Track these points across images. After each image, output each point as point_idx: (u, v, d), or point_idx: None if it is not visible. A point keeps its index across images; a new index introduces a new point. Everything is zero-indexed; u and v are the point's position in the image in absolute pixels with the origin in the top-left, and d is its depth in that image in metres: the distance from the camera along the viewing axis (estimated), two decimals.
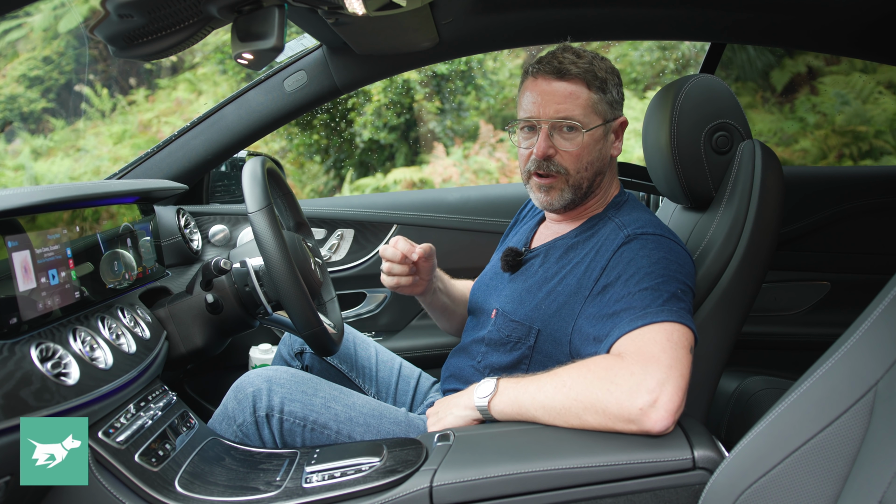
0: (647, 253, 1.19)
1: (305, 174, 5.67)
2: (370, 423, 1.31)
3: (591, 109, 1.28)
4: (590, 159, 1.30)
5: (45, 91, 5.68)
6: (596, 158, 1.31)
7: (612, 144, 1.35)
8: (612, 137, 1.35)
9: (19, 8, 0.88)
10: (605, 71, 1.30)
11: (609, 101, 1.31)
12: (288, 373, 1.32)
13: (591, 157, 1.30)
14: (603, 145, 1.32)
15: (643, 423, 1.00)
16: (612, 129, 1.34)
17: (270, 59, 1.09)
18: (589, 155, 1.30)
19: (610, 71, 1.31)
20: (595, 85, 1.28)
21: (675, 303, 1.12)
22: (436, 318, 1.66)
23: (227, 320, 1.41)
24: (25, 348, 0.98)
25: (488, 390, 1.15)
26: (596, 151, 1.31)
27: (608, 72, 1.31)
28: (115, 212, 1.40)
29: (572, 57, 1.28)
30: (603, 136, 1.32)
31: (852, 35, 1.83)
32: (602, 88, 1.29)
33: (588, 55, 1.30)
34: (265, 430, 1.27)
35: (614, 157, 1.37)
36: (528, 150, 1.32)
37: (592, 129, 1.29)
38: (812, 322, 2.18)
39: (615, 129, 1.34)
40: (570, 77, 1.27)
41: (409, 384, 1.62)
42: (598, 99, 1.29)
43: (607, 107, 1.31)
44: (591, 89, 1.28)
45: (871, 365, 0.82)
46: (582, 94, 1.28)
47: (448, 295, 1.61)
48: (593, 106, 1.28)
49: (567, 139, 1.29)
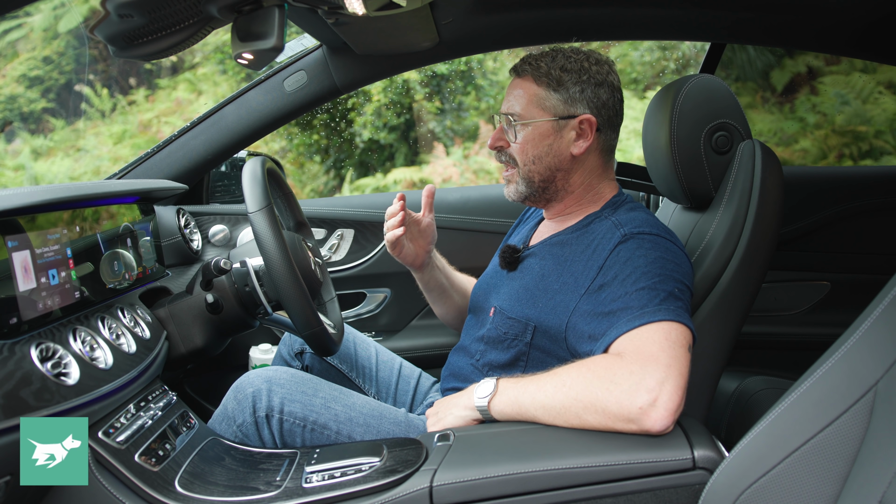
0: (643, 252, 1.19)
1: (305, 174, 5.67)
2: (370, 423, 1.31)
3: (535, 104, 1.33)
4: (536, 153, 1.34)
5: (45, 91, 5.68)
6: (545, 153, 1.34)
7: (570, 142, 1.33)
8: (572, 135, 1.33)
9: (19, 8, 0.88)
10: (560, 69, 1.32)
11: (564, 98, 1.32)
12: (288, 373, 1.32)
13: (537, 151, 1.34)
14: (554, 141, 1.33)
15: (643, 422, 1.01)
16: (569, 126, 1.33)
17: (270, 59, 1.09)
18: (534, 149, 1.34)
19: (579, 70, 1.32)
20: (545, 82, 1.32)
21: (673, 302, 1.12)
22: (432, 301, 1.68)
23: (227, 320, 1.41)
24: (25, 348, 0.98)
25: (488, 390, 1.15)
26: (544, 146, 1.33)
27: (576, 71, 1.32)
28: (115, 212, 1.40)
29: (546, 59, 1.33)
30: (553, 132, 1.33)
31: (852, 35, 1.83)
32: (553, 86, 1.32)
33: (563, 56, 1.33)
34: (265, 430, 1.27)
35: (576, 156, 1.34)
36: None
37: (535, 122, 1.32)
38: (812, 322, 2.18)
39: (575, 126, 1.33)
40: (523, 75, 1.35)
41: (410, 384, 1.62)
42: (545, 95, 1.32)
43: (559, 103, 1.32)
44: (540, 85, 1.33)
45: (870, 365, 0.82)
46: (529, 89, 1.33)
47: (446, 277, 1.64)
48: (538, 101, 1.33)
49: (509, 132, 1.36)
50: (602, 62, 1.34)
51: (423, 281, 1.62)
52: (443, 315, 1.70)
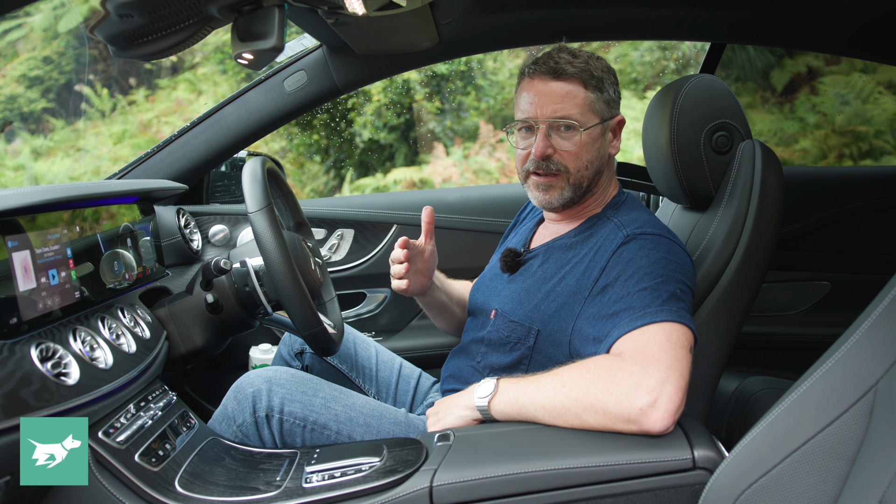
0: (646, 253, 1.19)
1: (305, 174, 5.67)
2: (370, 423, 1.31)
3: (587, 108, 1.29)
4: (589, 158, 1.31)
5: (45, 91, 5.68)
6: (595, 157, 1.32)
7: (609, 143, 1.35)
8: (610, 136, 1.35)
9: (19, 8, 0.88)
10: (601, 70, 1.30)
11: (606, 99, 1.31)
12: (288, 373, 1.32)
13: (590, 156, 1.31)
14: (601, 144, 1.33)
15: (643, 423, 1.00)
16: (609, 127, 1.34)
17: (270, 59, 1.09)
18: (588, 154, 1.30)
19: (606, 70, 1.32)
20: (591, 84, 1.29)
21: (675, 302, 1.12)
22: (433, 317, 1.66)
23: (227, 320, 1.41)
24: (25, 348, 0.98)
25: (488, 390, 1.15)
26: (595, 150, 1.31)
27: (604, 71, 1.31)
28: (115, 212, 1.40)
29: (568, 57, 1.29)
30: (601, 135, 1.32)
31: (852, 35, 1.83)
32: (598, 87, 1.29)
33: (584, 55, 1.31)
34: (265, 430, 1.27)
35: (612, 156, 1.37)
36: (525, 150, 1.32)
37: (590, 127, 1.29)
38: (812, 322, 2.18)
39: (612, 127, 1.35)
40: (566, 77, 1.28)
41: (410, 384, 1.62)
42: (594, 98, 1.29)
43: (604, 105, 1.31)
44: (588, 88, 1.29)
45: (871, 365, 0.82)
46: (579, 93, 1.28)
47: (446, 293, 1.62)
48: (590, 105, 1.29)
49: (565, 138, 1.29)
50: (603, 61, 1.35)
51: (425, 303, 1.60)
52: (444, 328, 1.68)
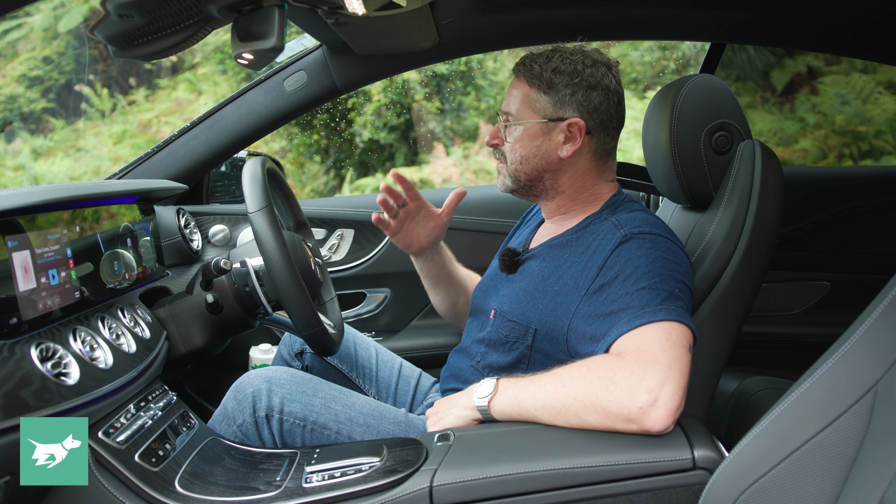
0: (644, 252, 1.19)
1: (305, 174, 5.67)
2: (370, 423, 1.31)
3: (526, 105, 1.34)
4: (524, 153, 1.35)
5: (45, 91, 5.68)
6: (532, 154, 1.34)
7: (558, 144, 1.33)
8: (561, 137, 1.32)
9: (19, 8, 0.88)
10: (557, 72, 1.30)
11: (554, 100, 1.31)
12: (288, 373, 1.32)
13: (525, 152, 1.35)
14: (542, 143, 1.33)
15: (643, 422, 1.00)
16: (557, 128, 1.32)
17: (270, 59, 1.09)
18: (523, 149, 1.35)
19: (572, 73, 1.30)
20: (536, 84, 1.32)
21: (673, 302, 1.12)
22: (427, 288, 1.71)
23: (227, 320, 1.41)
24: (25, 348, 0.98)
25: (488, 390, 1.15)
26: (532, 147, 1.34)
27: (568, 73, 1.30)
28: (115, 212, 1.40)
29: (542, 58, 1.33)
30: (542, 134, 1.33)
31: (853, 35, 1.83)
32: (547, 89, 1.31)
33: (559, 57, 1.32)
34: (265, 430, 1.27)
35: (564, 159, 1.33)
36: None
37: (524, 123, 1.33)
38: (812, 322, 2.18)
39: (563, 129, 1.32)
40: (518, 75, 1.36)
41: (410, 384, 1.62)
42: (536, 96, 1.32)
43: (549, 106, 1.32)
44: (532, 87, 1.33)
45: (871, 365, 0.82)
46: (522, 90, 1.34)
47: (447, 271, 1.66)
48: (529, 102, 1.33)
49: (507, 131, 1.37)
50: (599, 64, 1.32)
51: (418, 266, 1.67)
52: (436, 304, 1.73)
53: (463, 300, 1.70)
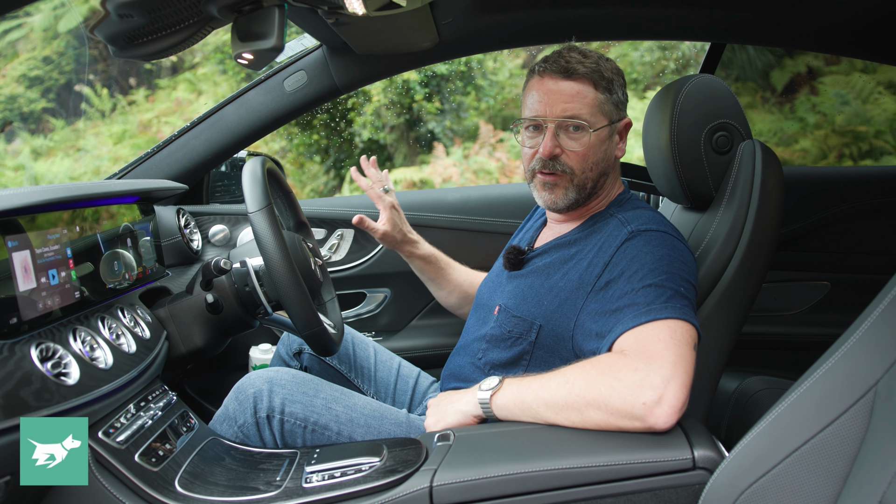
0: (650, 250, 1.19)
1: (305, 174, 5.67)
2: (371, 423, 1.31)
3: (597, 109, 1.28)
4: (595, 160, 1.30)
5: (45, 91, 5.67)
6: (601, 159, 1.31)
7: (616, 145, 1.35)
8: (617, 139, 1.34)
9: (19, 8, 0.88)
10: (611, 71, 1.30)
11: (615, 101, 1.31)
12: (289, 374, 1.32)
13: (596, 158, 1.30)
14: (608, 146, 1.32)
15: (647, 419, 1.00)
16: (616, 129, 1.34)
17: (270, 59, 1.09)
18: (595, 155, 1.30)
19: (615, 72, 1.31)
20: (602, 85, 1.28)
21: (679, 300, 1.12)
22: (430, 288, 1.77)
23: (227, 320, 1.41)
24: (25, 348, 0.98)
25: (492, 384, 1.15)
26: (601, 152, 1.31)
27: (614, 72, 1.31)
28: (115, 212, 1.40)
29: (579, 56, 1.28)
30: (608, 137, 1.31)
31: (853, 35, 1.83)
32: (608, 89, 1.29)
33: (594, 55, 1.30)
34: (266, 431, 1.27)
35: (618, 158, 1.37)
36: (532, 149, 1.32)
37: (599, 129, 1.28)
38: (812, 322, 2.18)
39: (619, 130, 1.34)
40: (577, 76, 1.26)
41: (408, 384, 1.62)
42: (604, 99, 1.28)
43: (613, 107, 1.30)
44: (598, 89, 1.27)
45: (871, 365, 0.82)
46: (589, 93, 1.27)
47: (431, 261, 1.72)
48: (600, 106, 1.28)
49: (574, 139, 1.28)
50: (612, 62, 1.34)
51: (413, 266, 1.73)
52: (442, 300, 1.76)
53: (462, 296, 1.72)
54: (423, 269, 1.72)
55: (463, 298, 1.73)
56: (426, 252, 1.71)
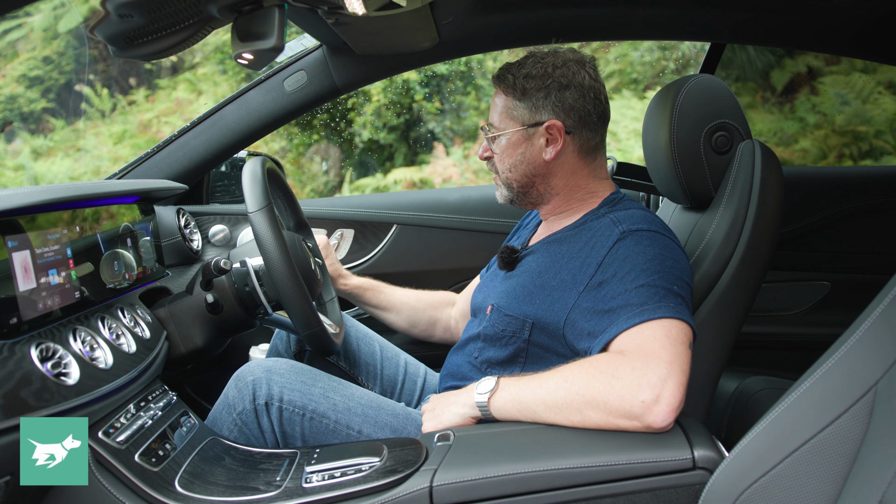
0: (642, 249, 1.19)
1: (305, 174, 5.67)
2: (368, 413, 1.31)
3: (505, 115, 1.36)
4: (512, 161, 1.36)
5: (45, 91, 5.68)
6: (519, 161, 1.35)
7: (541, 148, 1.33)
8: (542, 141, 1.33)
9: (19, 8, 0.88)
10: (529, 77, 1.31)
11: (529, 106, 1.32)
12: (287, 363, 1.33)
13: (512, 160, 1.36)
14: (526, 149, 1.34)
15: (645, 418, 1.00)
16: (537, 133, 1.33)
17: (270, 59, 1.09)
18: (510, 157, 1.36)
19: (541, 77, 1.31)
20: (511, 92, 1.34)
21: (673, 299, 1.12)
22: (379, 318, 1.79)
23: (227, 320, 1.41)
24: (25, 348, 0.98)
25: (489, 387, 1.15)
26: (518, 154, 1.35)
27: (539, 77, 1.31)
28: (115, 212, 1.40)
29: (518, 64, 1.34)
30: (524, 140, 1.34)
31: (853, 35, 1.83)
32: (520, 95, 1.32)
33: (529, 63, 1.33)
34: (264, 418, 1.27)
35: (550, 161, 1.33)
36: None
37: (506, 133, 1.35)
38: (812, 322, 2.18)
39: (543, 133, 1.32)
40: (499, 85, 1.37)
41: (416, 383, 1.63)
42: (513, 105, 1.34)
43: (526, 112, 1.33)
44: (508, 95, 1.35)
45: (871, 365, 0.82)
46: (500, 100, 1.36)
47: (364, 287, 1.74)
48: (508, 112, 1.35)
49: (492, 143, 1.39)
50: (570, 62, 1.31)
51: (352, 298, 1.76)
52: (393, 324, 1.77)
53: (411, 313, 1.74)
54: (365, 298, 1.74)
55: (413, 317, 1.74)
56: (359, 281, 1.74)
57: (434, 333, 1.75)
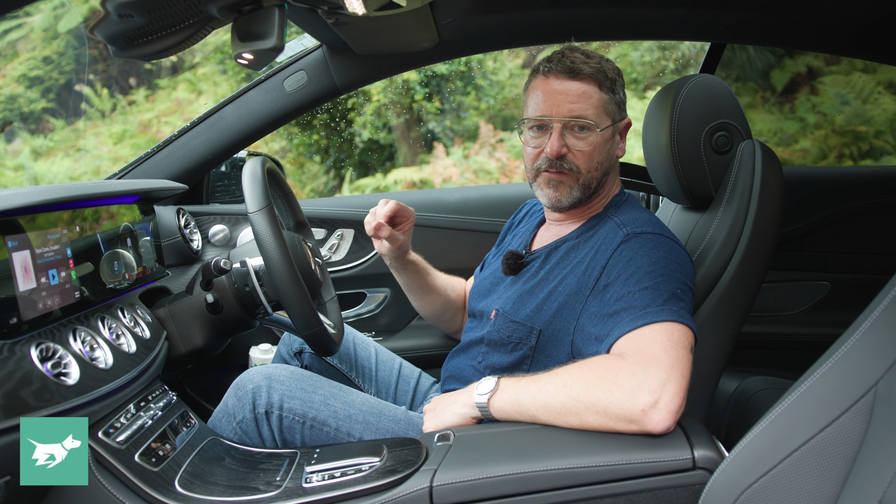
0: (646, 252, 1.19)
1: (305, 174, 5.67)
2: (369, 420, 1.31)
3: (602, 109, 1.29)
4: (600, 159, 1.31)
5: (45, 91, 5.68)
6: (605, 159, 1.33)
7: (617, 145, 1.36)
8: (618, 138, 1.36)
9: (19, 8, 0.88)
10: (613, 72, 1.32)
11: (617, 101, 1.33)
12: (287, 370, 1.33)
13: (601, 157, 1.32)
14: (611, 146, 1.34)
15: (644, 423, 1.00)
16: (618, 129, 1.36)
17: (270, 59, 1.09)
18: (599, 155, 1.31)
19: (617, 72, 1.33)
20: (606, 85, 1.30)
21: (675, 302, 1.12)
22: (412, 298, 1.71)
23: (227, 320, 1.41)
24: (25, 348, 0.98)
25: (488, 388, 1.15)
26: (605, 151, 1.32)
27: (616, 73, 1.33)
28: (115, 212, 1.40)
29: (582, 57, 1.29)
30: (611, 137, 1.34)
31: (853, 35, 1.83)
32: (612, 89, 1.31)
33: (596, 56, 1.32)
34: (264, 426, 1.27)
35: (618, 158, 1.38)
36: (536, 148, 1.32)
37: (604, 129, 1.30)
38: (812, 322, 2.18)
39: (621, 130, 1.36)
40: (582, 77, 1.28)
41: (409, 384, 1.62)
42: (608, 99, 1.30)
43: (615, 107, 1.32)
44: (602, 89, 1.29)
45: (871, 365, 0.82)
46: (594, 93, 1.28)
47: (421, 273, 1.65)
48: (604, 106, 1.30)
49: (580, 138, 1.29)
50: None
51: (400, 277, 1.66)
52: (422, 311, 1.73)
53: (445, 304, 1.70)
54: (414, 277, 1.66)
55: (446, 303, 1.70)
56: (417, 258, 1.67)
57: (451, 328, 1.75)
